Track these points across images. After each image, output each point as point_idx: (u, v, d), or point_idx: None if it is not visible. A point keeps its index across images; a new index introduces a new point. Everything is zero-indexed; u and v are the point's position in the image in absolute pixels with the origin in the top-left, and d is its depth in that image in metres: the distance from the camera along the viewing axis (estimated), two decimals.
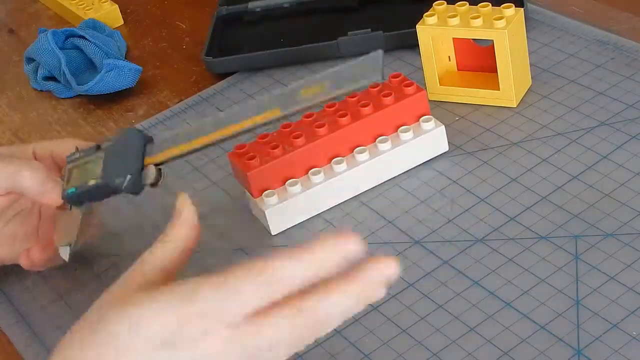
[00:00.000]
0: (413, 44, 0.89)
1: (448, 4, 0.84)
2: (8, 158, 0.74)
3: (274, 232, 0.78)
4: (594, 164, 0.77)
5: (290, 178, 0.78)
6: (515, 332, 0.65)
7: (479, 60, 0.87)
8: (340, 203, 0.79)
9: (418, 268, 0.72)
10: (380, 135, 0.79)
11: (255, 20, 1.08)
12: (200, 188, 0.85)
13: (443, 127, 0.80)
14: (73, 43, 1.04)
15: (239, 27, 1.07)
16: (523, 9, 0.83)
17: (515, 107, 0.85)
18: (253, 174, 0.76)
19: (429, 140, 0.80)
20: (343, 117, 0.78)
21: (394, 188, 0.80)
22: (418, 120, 0.80)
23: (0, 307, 0.78)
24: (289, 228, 0.78)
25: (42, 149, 0.77)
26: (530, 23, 0.95)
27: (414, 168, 0.81)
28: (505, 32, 0.80)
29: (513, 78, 0.83)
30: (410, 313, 0.68)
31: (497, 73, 0.83)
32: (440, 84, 0.87)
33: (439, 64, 0.87)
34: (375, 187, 0.80)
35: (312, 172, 0.78)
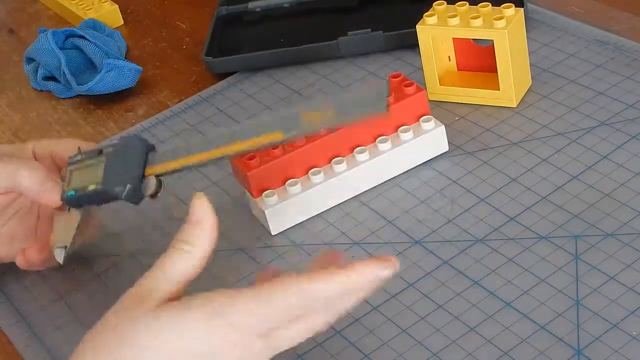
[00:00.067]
0: (413, 44, 0.89)
1: (448, 4, 0.84)
2: (7, 157, 0.74)
3: (274, 232, 0.78)
4: (594, 164, 0.77)
5: (290, 178, 0.78)
6: (515, 332, 0.65)
7: (479, 60, 0.87)
8: (340, 203, 0.79)
9: (418, 268, 0.72)
10: (380, 135, 0.79)
11: (255, 20, 1.08)
12: (200, 188, 0.85)
13: (443, 127, 0.80)
14: (73, 43, 1.04)
15: (239, 27, 1.07)
16: (523, 9, 0.83)
17: (515, 107, 0.85)
18: (253, 174, 0.76)
19: (429, 140, 0.80)
20: None
21: (394, 188, 0.80)
22: (418, 120, 0.80)
23: (0, 307, 0.78)
24: (289, 228, 0.78)
25: (41, 148, 0.77)
26: (530, 23, 0.95)
27: (414, 168, 0.81)
28: (505, 32, 0.80)
29: (513, 78, 0.83)
30: (410, 313, 0.68)
31: (497, 73, 0.83)
32: (440, 84, 0.87)
33: (439, 64, 0.87)
34: (375, 187, 0.80)
35: (312, 172, 0.78)
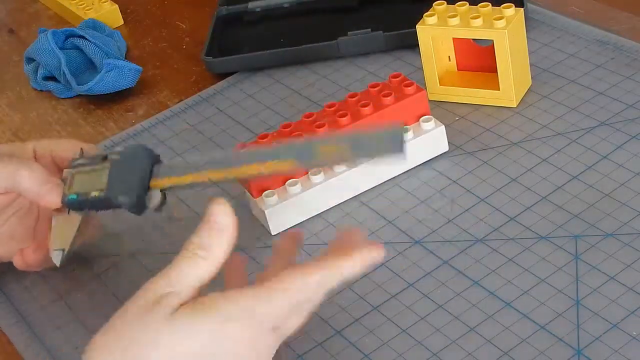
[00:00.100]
0: (413, 44, 0.89)
1: (448, 4, 0.84)
2: (7, 157, 0.74)
3: (274, 232, 0.78)
4: (594, 164, 0.77)
5: (290, 178, 0.78)
6: (515, 332, 0.65)
7: (479, 60, 0.87)
8: (340, 203, 0.79)
9: (418, 268, 0.72)
10: None
11: (255, 20, 1.08)
12: (200, 188, 0.85)
13: (443, 127, 0.80)
14: (73, 43, 1.04)
15: (239, 27, 1.07)
16: (523, 9, 0.83)
17: (515, 107, 0.85)
18: None
19: (429, 140, 0.80)
20: (343, 117, 0.78)
21: (394, 188, 0.80)
22: (418, 120, 0.80)
23: (0, 307, 0.78)
24: (289, 228, 0.78)
25: (42, 149, 0.77)
26: (530, 23, 0.95)
27: (414, 168, 0.81)
28: (505, 32, 0.80)
29: (513, 78, 0.83)
30: (410, 313, 0.68)
31: (497, 73, 0.83)
32: (440, 84, 0.87)
33: (439, 64, 0.87)
34: (375, 187, 0.80)
35: (312, 172, 0.78)
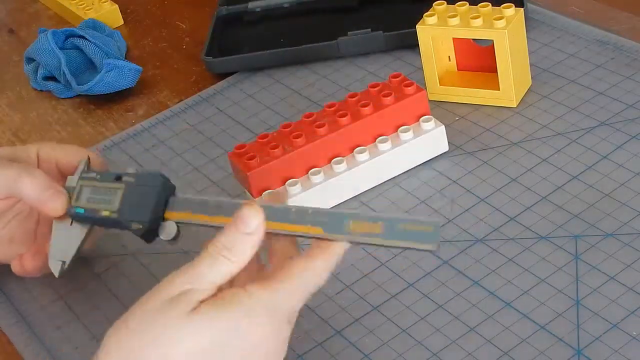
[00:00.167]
0: (413, 44, 0.89)
1: (448, 4, 0.84)
2: (9, 162, 0.73)
3: None
4: (594, 164, 0.77)
5: (290, 178, 0.78)
6: (515, 332, 0.65)
7: (479, 60, 0.87)
8: (340, 203, 0.79)
9: (418, 268, 0.72)
10: (380, 135, 0.79)
11: (255, 20, 1.08)
12: (200, 188, 0.85)
13: (443, 127, 0.80)
14: (73, 43, 1.04)
15: (239, 27, 1.07)
16: (523, 9, 0.83)
17: (515, 107, 0.85)
18: (253, 174, 0.76)
19: (429, 140, 0.80)
20: (343, 117, 0.78)
21: (394, 188, 0.80)
22: (418, 120, 0.80)
23: (0, 307, 0.78)
24: None
25: (46, 154, 0.76)
26: (530, 23, 0.95)
27: (414, 168, 0.81)
28: (505, 32, 0.80)
29: (513, 78, 0.83)
30: (410, 313, 0.68)
31: (497, 73, 0.83)
32: (440, 84, 0.87)
33: (439, 64, 0.87)
34: (375, 187, 0.80)
35: (312, 172, 0.78)
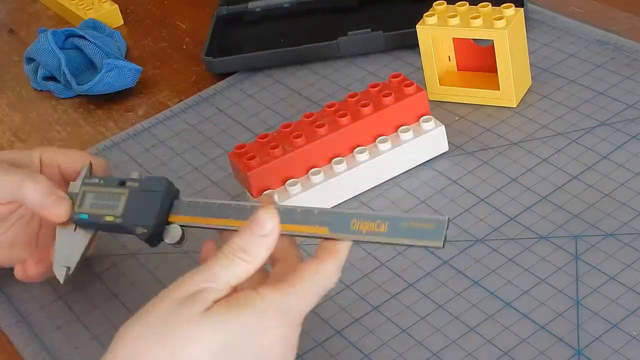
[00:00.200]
0: (413, 44, 0.89)
1: (448, 4, 0.84)
2: (12, 167, 0.73)
3: None
4: (594, 164, 0.77)
5: (290, 178, 0.78)
6: (515, 332, 0.65)
7: (479, 60, 0.87)
8: (340, 203, 0.79)
9: (418, 268, 0.72)
10: (380, 135, 0.79)
11: (255, 20, 1.08)
12: (200, 188, 0.85)
13: (443, 127, 0.80)
14: (73, 43, 1.04)
15: (239, 27, 1.07)
16: (523, 9, 0.83)
17: (515, 107, 0.85)
18: (253, 174, 0.76)
19: (429, 140, 0.80)
20: (343, 117, 0.78)
21: (394, 188, 0.80)
22: (418, 120, 0.80)
23: (0, 307, 0.78)
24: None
25: (49, 158, 0.76)
26: (530, 23, 0.95)
27: (414, 168, 0.81)
28: (505, 32, 0.80)
29: (513, 78, 0.83)
30: (410, 313, 0.68)
31: (497, 73, 0.83)
32: (440, 84, 0.87)
33: (439, 64, 0.87)
34: (375, 187, 0.80)
35: (312, 172, 0.78)
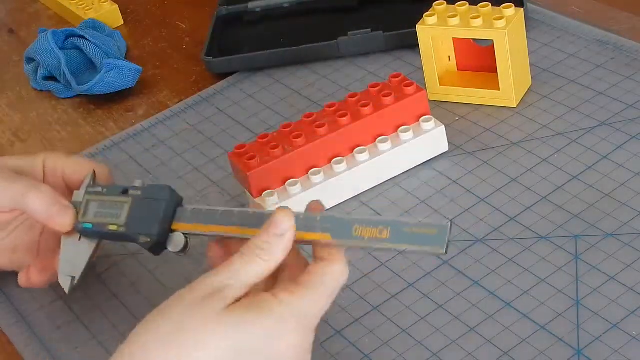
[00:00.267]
0: (413, 44, 0.89)
1: (448, 4, 0.84)
2: (15, 176, 0.73)
3: None
4: (594, 164, 0.77)
5: (290, 178, 0.78)
6: (515, 332, 0.65)
7: (479, 60, 0.87)
8: (340, 203, 0.79)
9: (418, 268, 0.72)
10: (380, 135, 0.79)
11: (255, 20, 1.08)
12: (200, 188, 0.85)
13: (443, 127, 0.80)
14: (73, 43, 1.04)
15: (239, 27, 1.07)
16: (523, 9, 0.83)
17: (515, 107, 0.85)
18: (253, 174, 0.76)
19: (429, 140, 0.80)
20: (343, 117, 0.78)
21: (394, 188, 0.80)
22: (418, 120, 0.80)
23: (0, 307, 0.78)
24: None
25: (52, 164, 0.76)
26: (530, 23, 0.95)
27: (414, 168, 0.81)
28: (505, 32, 0.80)
29: (513, 78, 0.83)
30: (410, 313, 0.68)
31: (497, 73, 0.83)
32: (440, 84, 0.87)
33: (439, 64, 0.87)
34: (375, 187, 0.80)
35: (312, 172, 0.78)
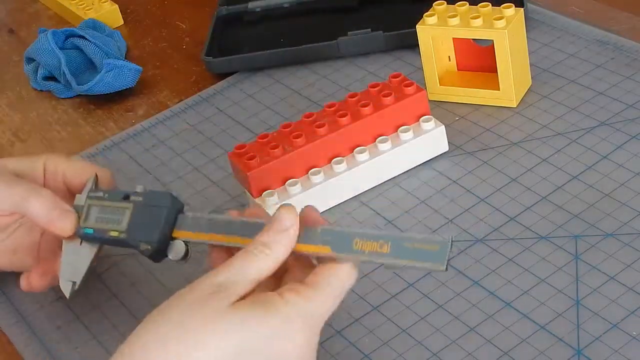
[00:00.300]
0: (413, 44, 0.89)
1: (448, 4, 0.84)
2: (16, 179, 0.73)
3: None
4: (594, 164, 0.77)
5: (290, 178, 0.78)
6: (515, 332, 0.65)
7: (479, 60, 0.87)
8: (340, 203, 0.79)
9: None
10: (380, 135, 0.79)
11: (255, 20, 1.08)
12: (200, 188, 0.85)
13: (443, 127, 0.80)
14: (73, 43, 1.04)
15: (239, 27, 1.07)
16: (523, 9, 0.83)
17: (515, 107, 0.85)
18: (253, 174, 0.76)
19: (429, 140, 0.80)
20: (343, 117, 0.78)
21: (394, 188, 0.80)
22: (418, 120, 0.80)
23: (0, 307, 0.78)
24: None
25: (53, 167, 0.76)
26: (530, 23, 0.95)
27: (414, 168, 0.81)
28: (505, 32, 0.80)
29: (513, 78, 0.83)
30: (410, 313, 0.68)
31: (497, 73, 0.83)
32: (440, 84, 0.87)
33: (439, 64, 0.87)
34: (375, 187, 0.80)
35: (312, 172, 0.78)
